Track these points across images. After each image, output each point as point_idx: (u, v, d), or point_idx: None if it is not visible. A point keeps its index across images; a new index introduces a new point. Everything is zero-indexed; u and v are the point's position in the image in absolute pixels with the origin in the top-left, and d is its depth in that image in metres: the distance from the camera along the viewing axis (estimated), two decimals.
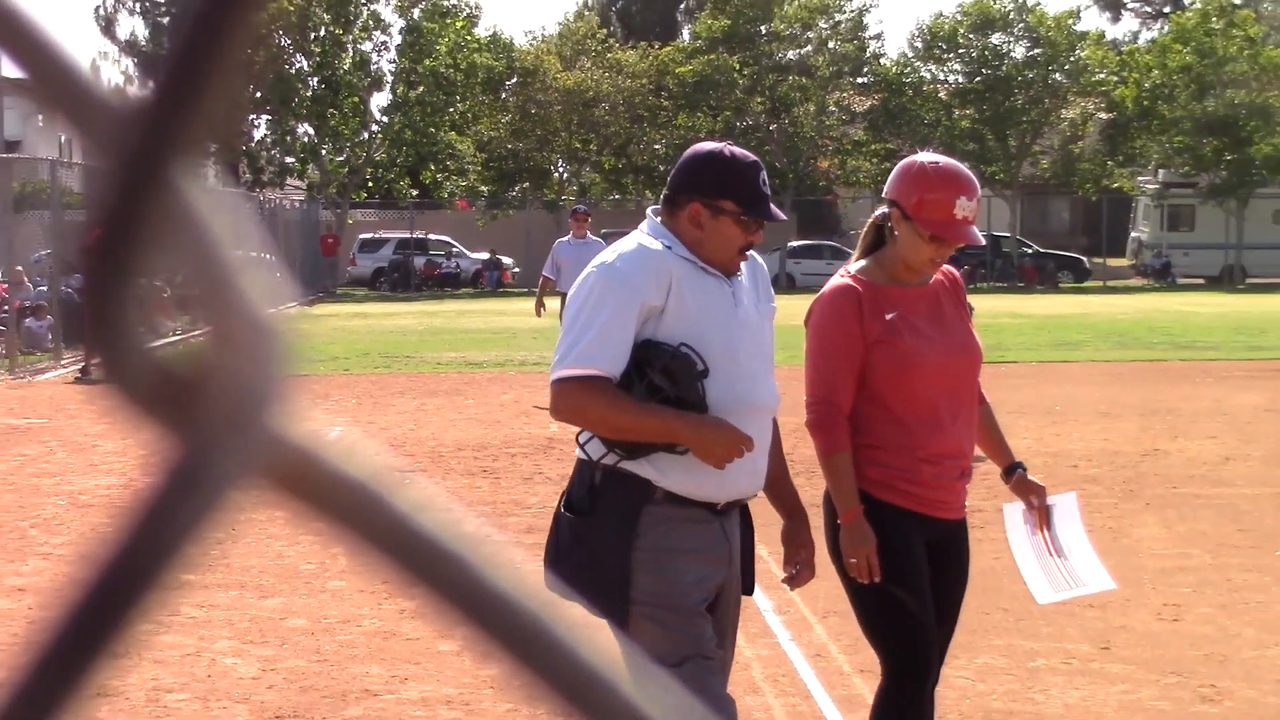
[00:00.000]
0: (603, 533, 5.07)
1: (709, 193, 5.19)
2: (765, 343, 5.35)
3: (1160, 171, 70.22)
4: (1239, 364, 27.53)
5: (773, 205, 5.30)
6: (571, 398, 5.00)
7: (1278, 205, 66.90)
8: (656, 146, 70.19)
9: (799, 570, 5.62)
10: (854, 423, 5.69)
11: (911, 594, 5.67)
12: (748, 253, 5.29)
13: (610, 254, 5.20)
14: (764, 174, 5.32)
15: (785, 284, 62.42)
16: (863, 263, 5.84)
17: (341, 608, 9.99)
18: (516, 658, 0.64)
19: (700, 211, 5.17)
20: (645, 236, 5.24)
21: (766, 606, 10.21)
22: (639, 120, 69.63)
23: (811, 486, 15.06)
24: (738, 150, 5.32)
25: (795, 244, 65.28)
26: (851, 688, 8.38)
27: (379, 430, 19.45)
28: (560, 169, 73.22)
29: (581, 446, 5.14)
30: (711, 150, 5.32)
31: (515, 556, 0.66)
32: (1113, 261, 67.53)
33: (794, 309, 29.57)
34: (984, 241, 6.20)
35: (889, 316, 5.67)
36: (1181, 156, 67.57)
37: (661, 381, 4.97)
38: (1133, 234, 70.75)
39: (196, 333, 0.64)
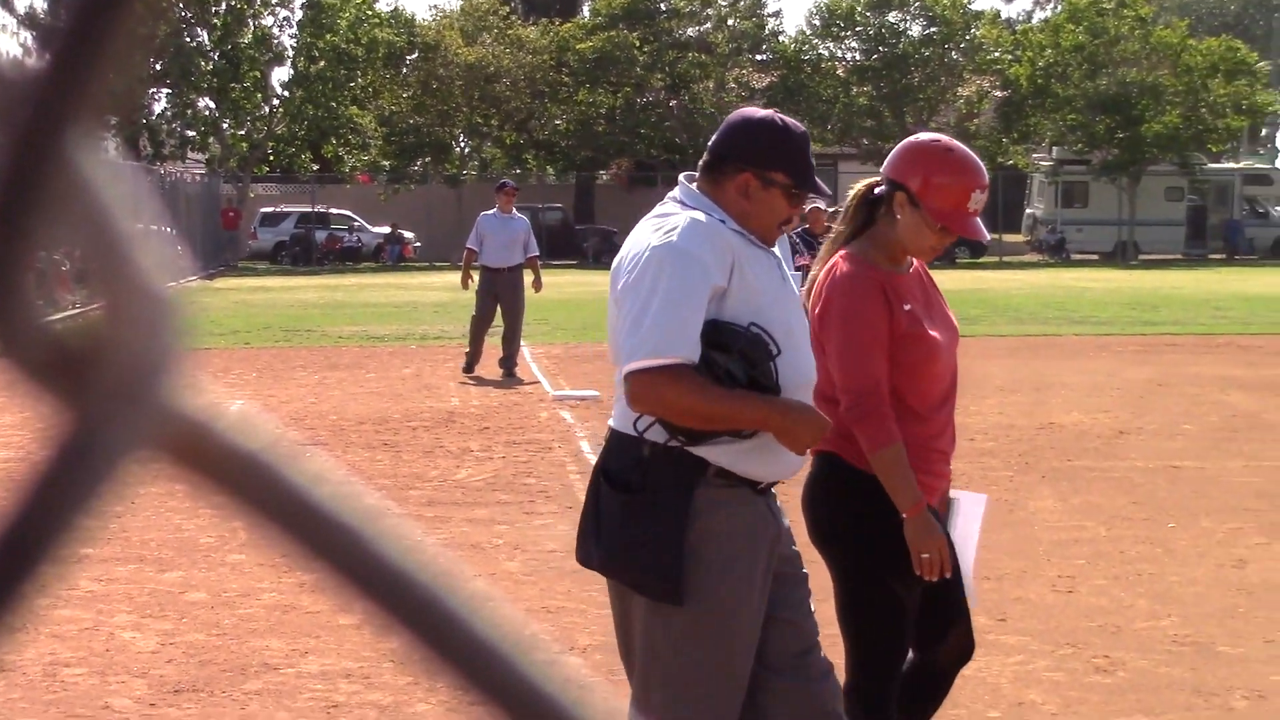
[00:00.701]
0: (655, 512, 4.81)
1: (761, 163, 4.92)
2: (803, 317, 5.15)
3: (1054, 149, 70.74)
4: (1131, 339, 27.79)
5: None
6: (655, 389, 4.67)
7: (1169, 183, 67.54)
8: (557, 122, 70.14)
9: None
10: None
11: (909, 591, 5.51)
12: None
13: (665, 231, 4.83)
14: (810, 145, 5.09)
15: None
16: (857, 244, 5.61)
17: (241, 581, 9.93)
18: (414, 631, 0.64)
19: (751, 182, 4.90)
20: (691, 210, 4.92)
21: None
22: (540, 96, 69.48)
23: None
24: (789, 119, 5.05)
25: None
26: None
27: (280, 404, 19.35)
28: (461, 144, 73.01)
29: (634, 425, 4.85)
30: (764, 118, 5.04)
31: (412, 530, 0.65)
32: (1008, 237, 67.93)
33: None
34: (988, 237, 5.94)
35: (908, 307, 5.47)
36: (1075, 134, 68.08)
37: (738, 366, 4.74)
38: (1028, 210, 71.22)
39: (93, 306, 0.63)
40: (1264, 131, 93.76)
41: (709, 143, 5.07)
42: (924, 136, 5.80)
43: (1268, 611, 9.40)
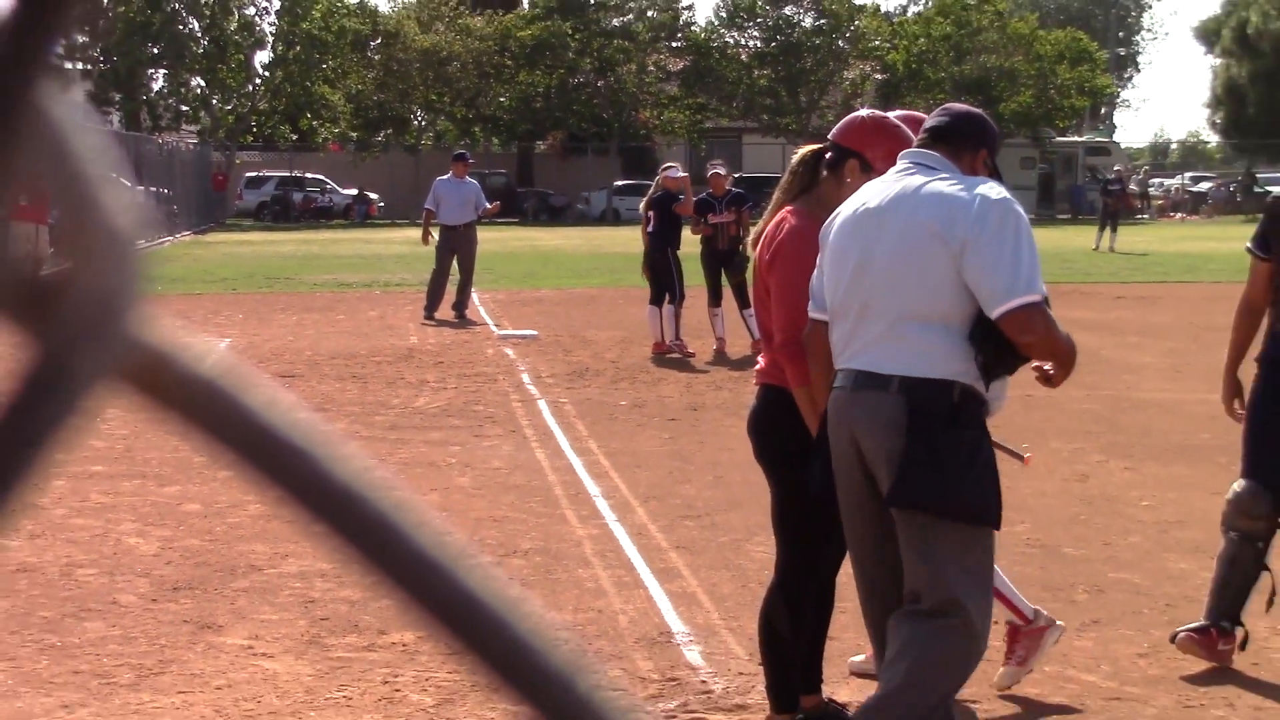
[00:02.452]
0: (973, 446, 4.73)
1: (991, 148, 5.07)
2: None
3: None
4: None
5: None
6: (1043, 319, 4.64)
7: (1023, 153, 67.74)
8: (501, 99, 69.98)
9: None
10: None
11: (835, 505, 5.51)
12: None
13: (986, 188, 4.80)
14: None
15: (612, 218, 62.48)
16: (803, 202, 5.57)
17: (230, 494, 9.85)
18: (360, 549, 0.59)
19: (983, 160, 4.99)
20: (957, 175, 4.92)
21: (596, 492, 10.21)
22: (486, 77, 69.24)
23: (722, 387, 15.08)
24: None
25: (620, 183, 65.32)
26: (668, 561, 8.40)
27: (263, 341, 19.21)
28: (418, 118, 72.85)
29: (930, 365, 4.74)
30: (985, 115, 5.21)
31: (356, 452, 0.61)
32: None
33: (619, 238, 29.46)
34: None
35: None
36: None
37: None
38: None
39: (59, 243, 0.58)
40: (1103, 110, 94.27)
41: (944, 123, 5.05)
42: (873, 113, 5.77)
43: (1105, 519, 9.45)
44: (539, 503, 9.90)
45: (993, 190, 4.80)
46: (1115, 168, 50.14)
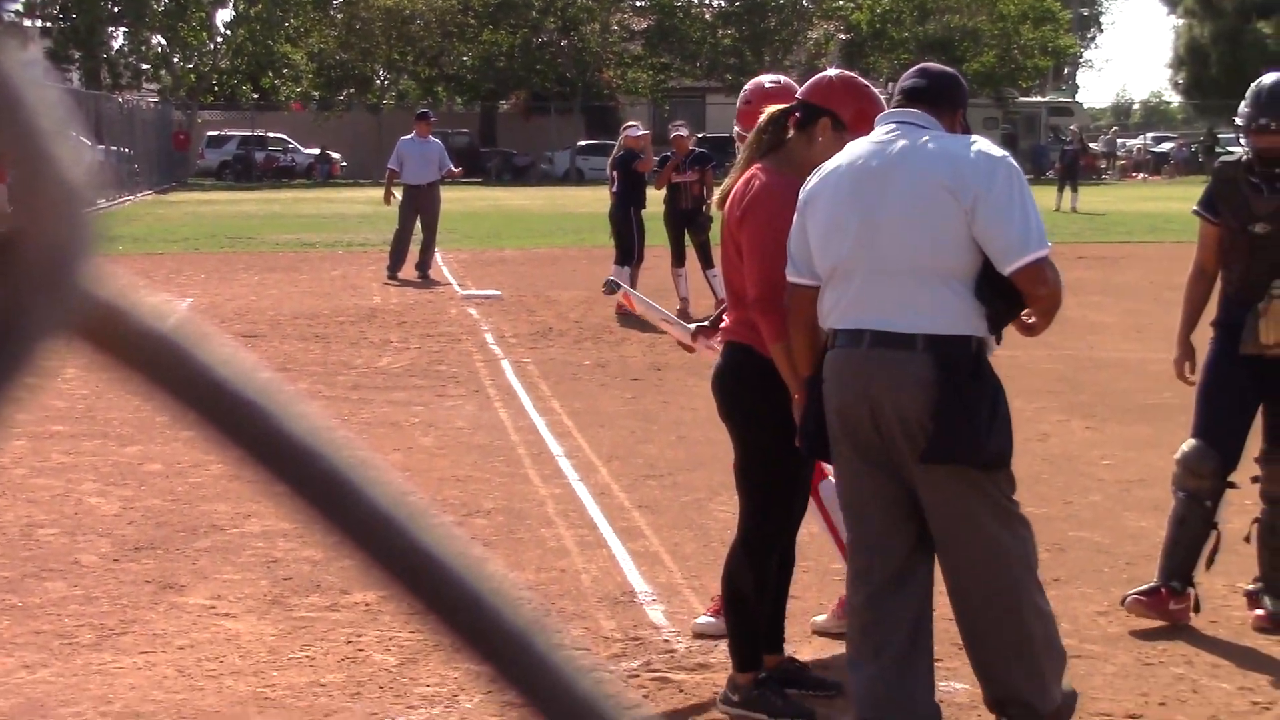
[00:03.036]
0: (994, 395, 4.84)
1: (965, 107, 5.22)
2: None
3: (890, 84, 70.87)
4: None
5: None
6: (1054, 271, 4.83)
7: (986, 113, 67.73)
8: (464, 59, 69.65)
9: None
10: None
11: (802, 460, 5.49)
12: None
13: (988, 145, 4.93)
14: None
15: (576, 178, 62.34)
16: (771, 160, 5.55)
17: (192, 454, 9.82)
18: (322, 509, 0.58)
19: (960, 119, 5.10)
20: (951, 133, 5.06)
21: (558, 451, 10.22)
22: (449, 36, 68.91)
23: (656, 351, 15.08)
24: None
25: (583, 143, 65.19)
26: (631, 520, 8.41)
27: (225, 301, 19.14)
28: (381, 77, 72.53)
29: (952, 320, 4.82)
30: (958, 74, 5.35)
31: (318, 412, 0.60)
32: None
33: (583, 197, 29.42)
34: None
35: None
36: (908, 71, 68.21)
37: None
38: None
39: (13, 199, 0.57)
40: (1065, 70, 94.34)
41: (925, 84, 5.11)
42: (842, 72, 5.79)
43: (1066, 478, 9.50)
44: (502, 462, 9.90)
45: (991, 147, 4.91)
46: (1071, 127, 50.31)
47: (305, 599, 6.97)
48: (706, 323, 6.59)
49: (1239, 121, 6.74)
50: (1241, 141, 6.79)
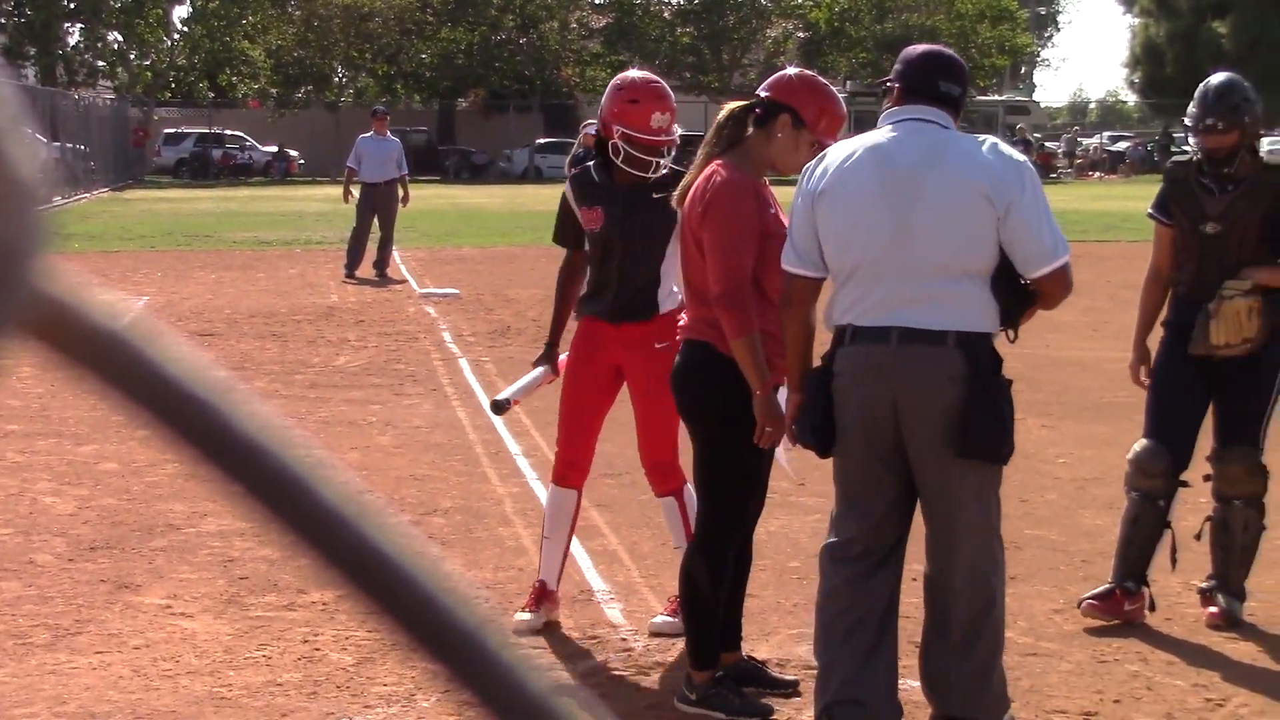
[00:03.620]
0: (1009, 393, 5.00)
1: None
2: None
3: (848, 82, 71.05)
4: None
5: None
6: (1070, 274, 5.01)
7: None
8: (423, 56, 69.53)
9: None
10: None
11: (761, 458, 5.56)
12: None
13: (1009, 149, 5.06)
14: None
15: (534, 176, 62.29)
16: (731, 156, 5.54)
17: (148, 453, 9.77)
18: (278, 509, 0.58)
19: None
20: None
21: (516, 450, 10.21)
22: (408, 33, 68.77)
23: None
24: None
25: (542, 141, 65.16)
26: (589, 518, 8.41)
27: (181, 299, 19.06)
28: (339, 74, 72.37)
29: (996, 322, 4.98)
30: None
31: (274, 411, 0.60)
32: None
33: (541, 195, 29.26)
34: None
35: (773, 210, 5.48)
36: (865, 70, 68.41)
37: None
38: None
39: None
40: (1023, 69, 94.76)
41: (946, 80, 5.14)
42: (803, 70, 5.88)
43: (1023, 476, 9.53)
44: (460, 461, 9.89)
45: (1011, 150, 5.07)
46: (1018, 125, 50.57)
47: (261, 598, 6.95)
48: (542, 354, 7.09)
49: (1187, 122, 6.78)
50: (1191, 142, 6.83)
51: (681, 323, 5.75)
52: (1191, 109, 6.74)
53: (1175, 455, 6.71)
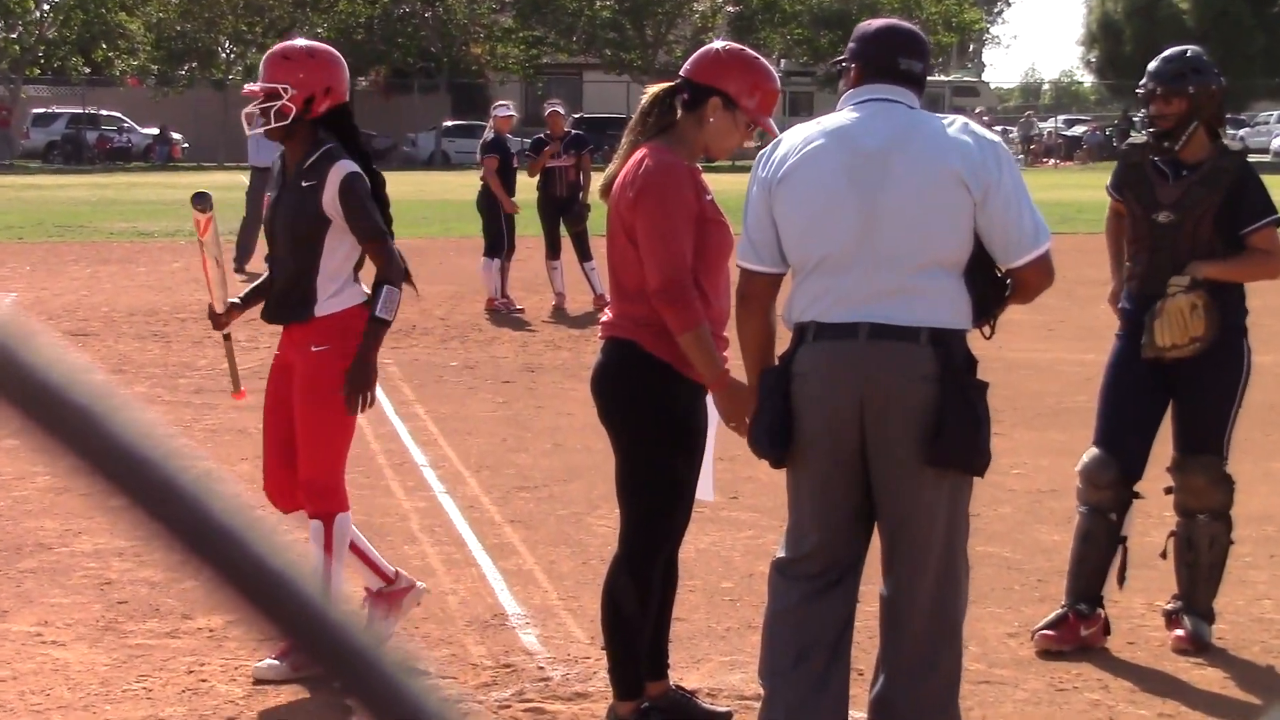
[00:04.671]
0: (983, 394, 4.99)
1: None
2: None
3: (782, 61, 71.31)
4: None
5: None
6: (1051, 261, 5.06)
7: None
8: (319, 30, 69.14)
9: None
10: None
11: (690, 466, 5.53)
12: None
13: (983, 131, 5.07)
14: None
15: (441, 162, 62.18)
16: (662, 140, 5.49)
17: (15, 465, 9.69)
18: (163, 526, 0.58)
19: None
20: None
21: (423, 461, 10.19)
22: (302, 5, 68.55)
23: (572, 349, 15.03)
24: None
25: (449, 124, 65.06)
26: (503, 536, 8.40)
27: (53, 296, 18.91)
28: (227, 50, 72.00)
29: (956, 317, 4.95)
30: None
31: (157, 418, 0.59)
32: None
33: (450, 183, 29.19)
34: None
35: (709, 197, 5.44)
36: (801, 47, 68.73)
37: None
38: None
39: None
40: (971, 47, 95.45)
41: (907, 57, 5.13)
42: (729, 45, 5.73)
43: (974, 489, 9.57)
44: (361, 473, 9.85)
45: (982, 130, 5.07)
46: (976, 109, 50.92)
47: (142, 624, 6.90)
48: (239, 300, 6.96)
49: (1138, 93, 6.85)
50: (1138, 116, 6.94)
51: (604, 319, 5.70)
52: (1142, 80, 6.80)
53: (1126, 464, 6.71)
